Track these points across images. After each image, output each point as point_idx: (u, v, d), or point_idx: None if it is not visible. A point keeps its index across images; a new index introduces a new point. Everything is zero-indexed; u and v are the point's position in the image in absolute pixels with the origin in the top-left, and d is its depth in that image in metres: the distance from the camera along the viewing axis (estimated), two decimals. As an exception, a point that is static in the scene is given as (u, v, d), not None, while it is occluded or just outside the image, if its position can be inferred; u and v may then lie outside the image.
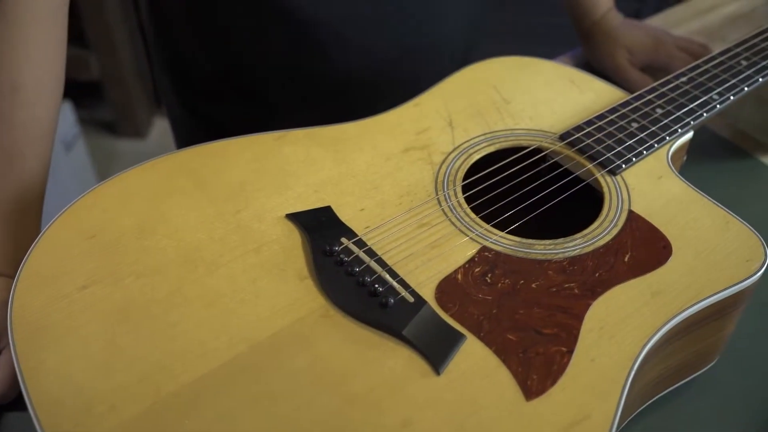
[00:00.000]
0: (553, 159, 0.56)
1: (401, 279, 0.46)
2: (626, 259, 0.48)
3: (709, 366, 0.53)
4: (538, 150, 0.56)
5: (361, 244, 0.48)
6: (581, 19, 0.82)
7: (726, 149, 0.74)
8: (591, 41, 0.81)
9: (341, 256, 0.47)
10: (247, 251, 0.48)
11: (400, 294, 0.45)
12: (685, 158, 0.61)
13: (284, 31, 0.65)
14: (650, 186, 0.53)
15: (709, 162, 0.73)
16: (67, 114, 1.63)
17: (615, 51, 0.79)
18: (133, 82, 1.87)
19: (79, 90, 1.85)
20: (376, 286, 0.45)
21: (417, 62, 0.71)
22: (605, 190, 0.53)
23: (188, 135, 0.78)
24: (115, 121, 1.94)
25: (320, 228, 0.49)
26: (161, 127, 1.99)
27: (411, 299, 0.45)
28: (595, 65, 0.82)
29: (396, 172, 0.54)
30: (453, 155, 0.55)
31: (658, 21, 0.90)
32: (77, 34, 1.77)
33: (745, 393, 0.54)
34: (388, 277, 0.46)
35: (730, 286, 0.46)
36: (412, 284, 0.46)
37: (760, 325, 0.58)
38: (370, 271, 0.46)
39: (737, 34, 0.87)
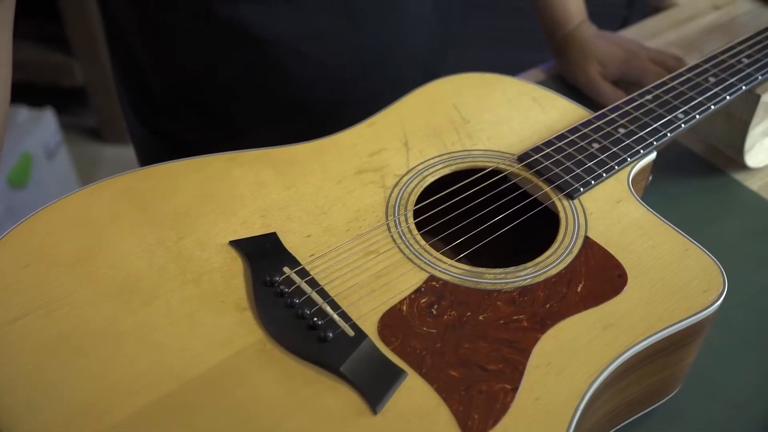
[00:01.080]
0: (512, 180, 0.55)
1: (342, 311, 0.44)
2: (579, 289, 0.46)
3: (671, 395, 0.51)
4: (495, 172, 0.55)
5: (303, 273, 0.46)
6: (553, 31, 0.80)
7: (698, 164, 0.72)
8: (563, 54, 0.80)
9: (282, 286, 0.45)
10: (186, 281, 0.46)
11: (340, 327, 0.43)
12: (650, 178, 0.59)
13: (239, 49, 0.63)
14: (608, 210, 0.51)
15: (681, 178, 0.71)
16: (50, 122, 1.61)
17: (586, 64, 0.77)
18: (118, 88, 1.86)
19: (64, 96, 1.84)
20: (316, 319, 0.43)
21: (380, 78, 0.69)
22: (561, 215, 0.51)
23: (149, 153, 0.77)
24: (100, 127, 1.92)
25: (263, 256, 0.47)
26: (148, 134, 1.97)
27: (351, 333, 0.43)
28: (567, 78, 0.80)
29: (346, 195, 0.52)
30: (407, 178, 0.54)
31: (633, 32, 0.88)
32: (61, 41, 1.75)
33: (709, 419, 0.52)
34: (328, 309, 0.44)
35: (685, 319, 0.44)
36: (354, 317, 0.44)
37: (725, 348, 0.56)
38: (310, 302, 0.44)
39: (715, 45, 0.86)
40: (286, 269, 0.46)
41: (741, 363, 0.56)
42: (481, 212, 0.54)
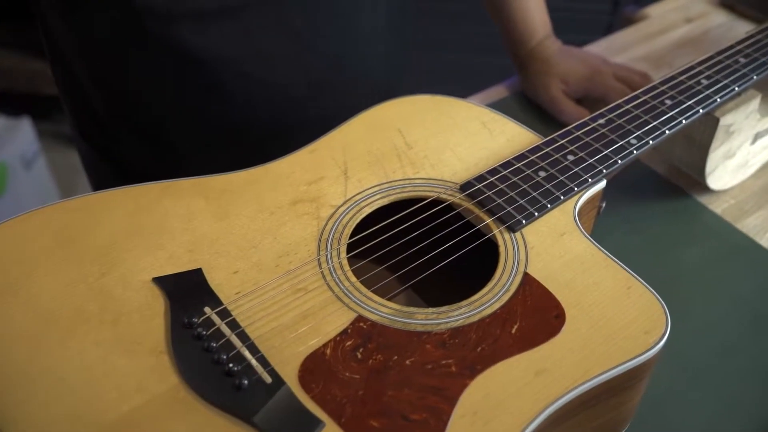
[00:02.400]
0: (455, 210, 0.52)
1: (262, 356, 0.42)
2: (513, 330, 0.44)
3: (618, 436, 0.49)
4: (436, 202, 0.53)
5: (224, 314, 0.44)
6: (516, 48, 0.78)
7: (661, 186, 0.70)
8: (525, 70, 0.77)
9: (200, 329, 0.43)
10: (104, 322, 0.44)
11: (257, 374, 0.41)
12: (603, 205, 0.56)
13: (177, 70, 0.61)
14: (551, 244, 0.49)
15: (643, 200, 0.69)
16: (27, 131, 1.59)
17: (549, 81, 0.75)
18: (100, 95, 1.83)
19: (43, 104, 1.81)
20: (232, 365, 0.41)
21: (331, 99, 0.67)
22: (501, 249, 0.49)
23: (97, 173, 0.74)
24: (81, 135, 1.90)
25: (186, 295, 0.45)
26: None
27: (268, 380, 0.41)
28: (529, 96, 0.78)
29: (279, 228, 0.50)
30: (343, 209, 0.51)
31: (602, 46, 0.86)
32: (39, 48, 1.73)
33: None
34: (246, 353, 0.42)
35: (623, 363, 0.42)
36: (274, 362, 0.42)
37: (679, 382, 0.54)
38: (228, 346, 0.42)
39: (685, 60, 0.83)
40: (207, 309, 0.44)
41: (695, 399, 0.54)
42: (424, 243, 0.52)
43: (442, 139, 0.57)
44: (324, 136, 0.57)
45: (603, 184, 0.54)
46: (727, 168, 0.66)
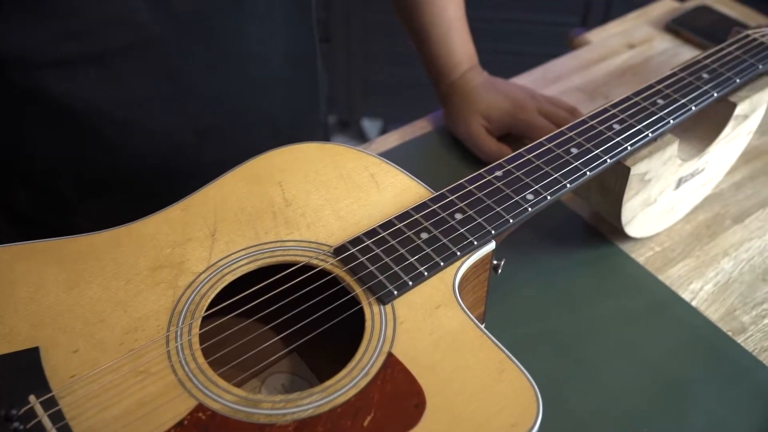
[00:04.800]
0: (329, 275, 0.48)
1: (81, 455, 0.38)
2: (366, 422, 0.40)
3: None
4: (308, 267, 0.49)
5: (51, 403, 0.40)
6: (438, 79, 0.74)
7: (583, 232, 0.66)
8: (447, 104, 0.73)
9: (16, 423, 0.39)
10: None
11: (71, 478, 0.37)
12: (501, 263, 0.52)
13: (54, 120, 0.57)
14: (423, 319, 0.45)
15: (563, 247, 0.64)
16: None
17: (469, 116, 0.70)
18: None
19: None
20: (45, 467, 0.37)
21: (225, 144, 0.62)
22: (368, 324, 0.45)
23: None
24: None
25: (13, 380, 0.41)
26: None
27: (83, 485, 0.37)
28: (451, 131, 0.74)
29: (132, 299, 0.46)
30: (204, 276, 0.47)
31: (536, 74, 0.81)
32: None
33: None
34: (64, 453, 0.38)
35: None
36: (95, 462, 0.38)
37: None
38: (46, 444, 0.39)
39: (623, 90, 0.79)
40: (32, 398, 0.40)
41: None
42: (302, 307, 0.48)
43: (324, 194, 0.53)
44: (200, 190, 0.53)
45: (492, 246, 0.49)
46: (649, 215, 0.62)
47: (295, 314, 0.48)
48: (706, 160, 0.63)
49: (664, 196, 0.61)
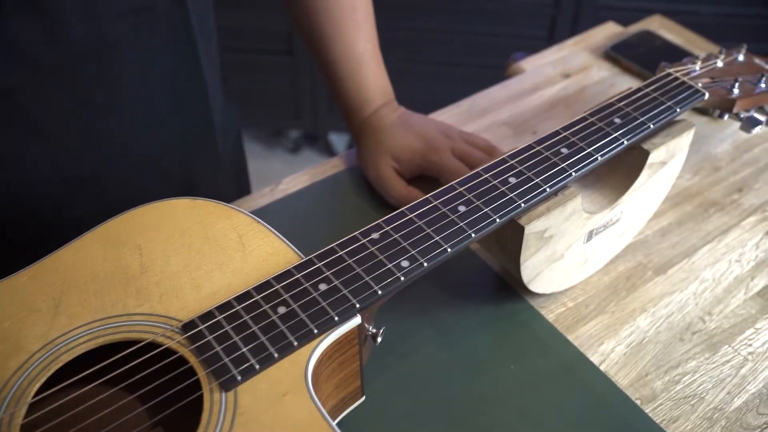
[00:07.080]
0: (177, 354, 0.44)
1: None
2: None
3: None
4: (153, 345, 0.44)
5: None
6: (350, 117, 0.69)
7: (493, 284, 0.62)
8: (359, 143, 0.69)
9: None
10: None
11: None
12: (381, 331, 0.48)
13: None
14: (266, 409, 0.41)
15: (468, 302, 0.60)
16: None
17: (378, 157, 0.66)
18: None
19: None
20: None
21: (102, 196, 0.58)
22: (205, 415, 0.41)
23: None
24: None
25: None
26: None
27: None
28: (363, 172, 0.69)
29: (-45, 383, 0.42)
30: (38, 356, 0.43)
31: (463, 107, 0.77)
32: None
33: None
34: None
35: None
36: None
37: None
38: None
39: (551, 124, 0.75)
40: None
41: None
42: (144, 389, 0.44)
43: (185, 259, 0.48)
44: (54, 253, 0.49)
45: (357, 320, 0.45)
46: (557, 270, 0.57)
47: (140, 395, 0.44)
48: (621, 210, 0.58)
49: (572, 250, 0.57)
